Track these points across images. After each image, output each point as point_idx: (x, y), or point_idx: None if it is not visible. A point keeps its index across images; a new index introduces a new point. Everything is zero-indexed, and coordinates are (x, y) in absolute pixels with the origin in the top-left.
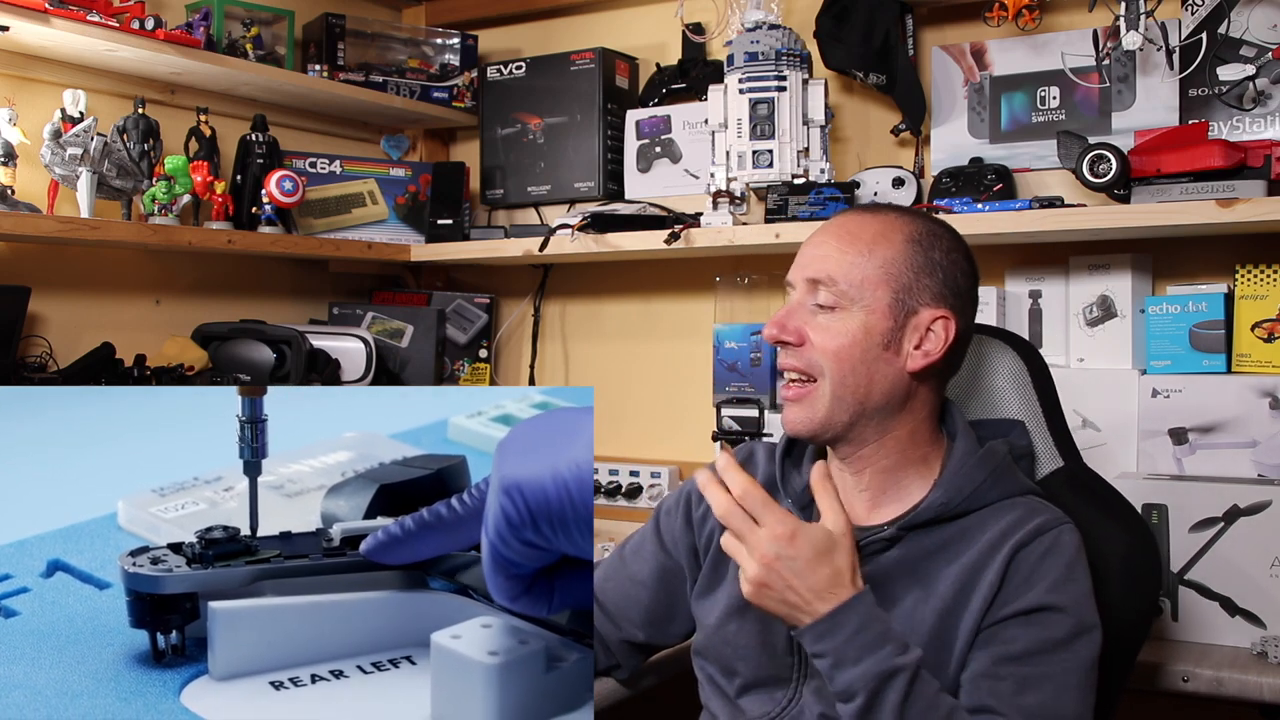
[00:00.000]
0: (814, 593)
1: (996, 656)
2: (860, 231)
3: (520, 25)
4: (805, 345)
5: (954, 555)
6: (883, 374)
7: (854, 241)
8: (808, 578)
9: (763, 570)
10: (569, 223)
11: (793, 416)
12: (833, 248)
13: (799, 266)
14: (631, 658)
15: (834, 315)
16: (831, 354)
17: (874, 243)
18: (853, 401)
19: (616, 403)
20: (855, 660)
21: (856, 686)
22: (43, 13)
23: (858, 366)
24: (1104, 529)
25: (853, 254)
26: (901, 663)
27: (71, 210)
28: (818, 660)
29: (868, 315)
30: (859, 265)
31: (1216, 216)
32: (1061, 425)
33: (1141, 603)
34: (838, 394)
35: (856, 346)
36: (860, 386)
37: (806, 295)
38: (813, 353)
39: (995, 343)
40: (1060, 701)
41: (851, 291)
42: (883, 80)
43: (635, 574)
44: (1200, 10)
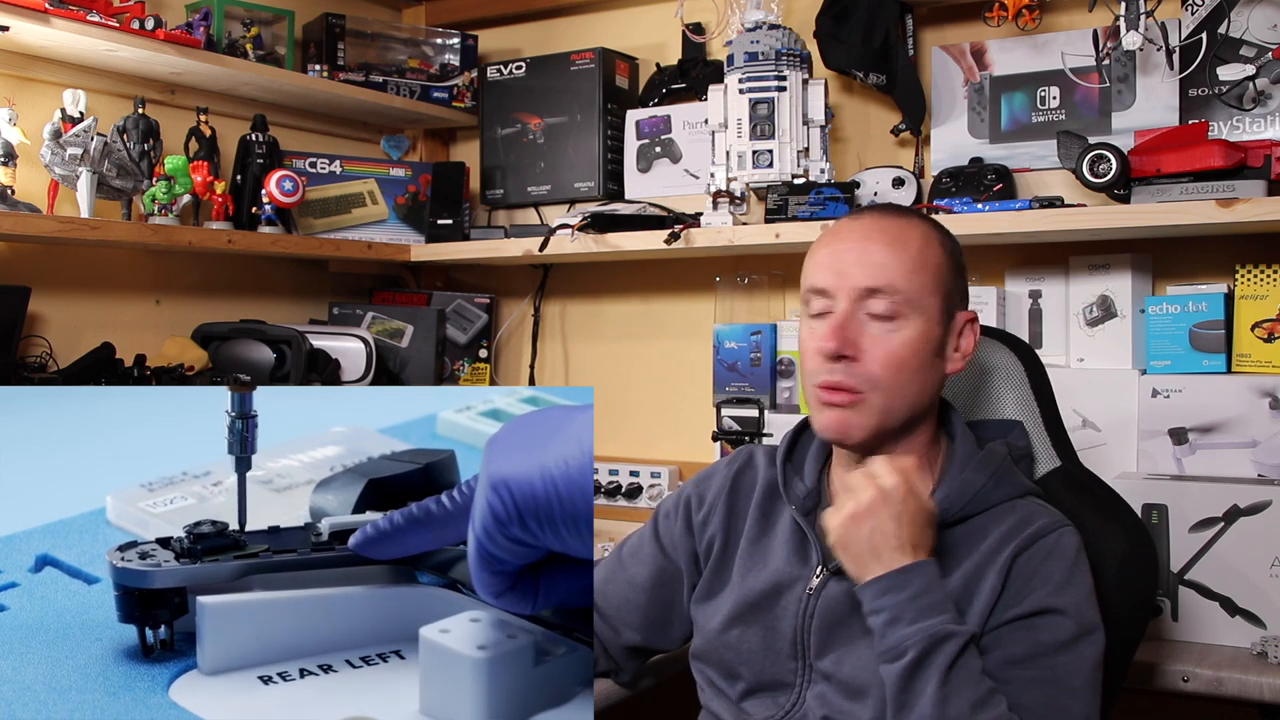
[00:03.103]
0: (900, 542)
1: (1000, 660)
2: (906, 237)
3: (520, 25)
4: (860, 360)
5: (956, 560)
6: (933, 380)
7: (905, 247)
8: (905, 527)
9: (866, 504)
10: (569, 223)
11: (842, 422)
12: (886, 254)
13: (840, 275)
14: (631, 661)
15: (892, 325)
16: (894, 367)
17: (923, 248)
18: (904, 410)
19: (616, 403)
20: (912, 619)
21: (909, 644)
22: (43, 13)
23: (915, 376)
24: (1101, 529)
25: (909, 261)
26: (956, 629)
27: (71, 210)
28: (873, 617)
29: (925, 323)
30: (916, 271)
31: (1216, 216)
32: (1058, 425)
33: (1139, 601)
34: (889, 406)
35: (917, 357)
36: (913, 395)
37: (856, 305)
38: (870, 366)
39: (993, 343)
40: (1065, 703)
41: (913, 299)
42: (883, 80)
43: (633, 577)
44: (1200, 10)
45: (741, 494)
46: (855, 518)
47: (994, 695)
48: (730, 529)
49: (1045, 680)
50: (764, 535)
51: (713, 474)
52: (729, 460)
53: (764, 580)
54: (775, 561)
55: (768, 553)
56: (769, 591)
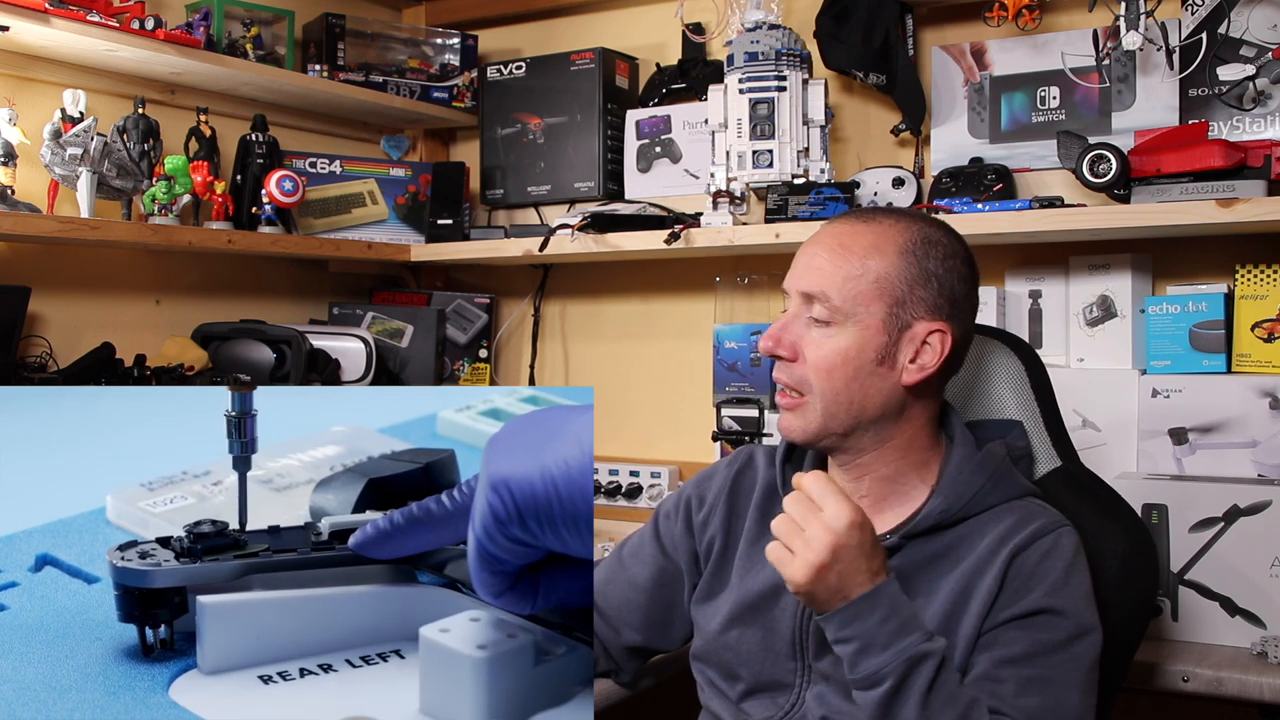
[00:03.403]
0: (864, 576)
1: (997, 659)
2: (853, 243)
3: (520, 25)
4: (798, 360)
5: (954, 561)
6: (877, 389)
7: (847, 254)
8: (864, 558)
9: (829, 555)
10: (569, 223)
11: (786, 424)
12: (825, 260)
13: (793, 276)
14: (631, 661)
15: (827, 331)
16: (824, 371)
17: (867, 255)
18: (846, 416)
19: (616, 403)
20: (885, 644)
21: (886, 671)
22: (43, 13)
23: (850, 383)
24: (1102, 528)
25: (846, 267)
26: (930, 648)
27: (71, 210)
28: (841, 646)
29: (861, 331)
30: (852, 280)
31: (1216, 216)
32: (1059, 425)
33: (1139, 601)
34: (829, 409)
35: (849, 364)
36: (854, 402)
37: (802, 308)
38: (805, 368)
39: (993, 343)
40: (1061, 702)
41: (845, 307)
42: (883, 80)
43: (634, 578)
44: (1200, 10)
45: (741, 494)
46: (820, 570)
47: (974, 707)
48: (730, 530)
49: (1042, 680)
50: (763, 536)
51: (713, 474)
52: (729, 461)
53: (763, 581)
54: None
55: None
56: (768, 592)
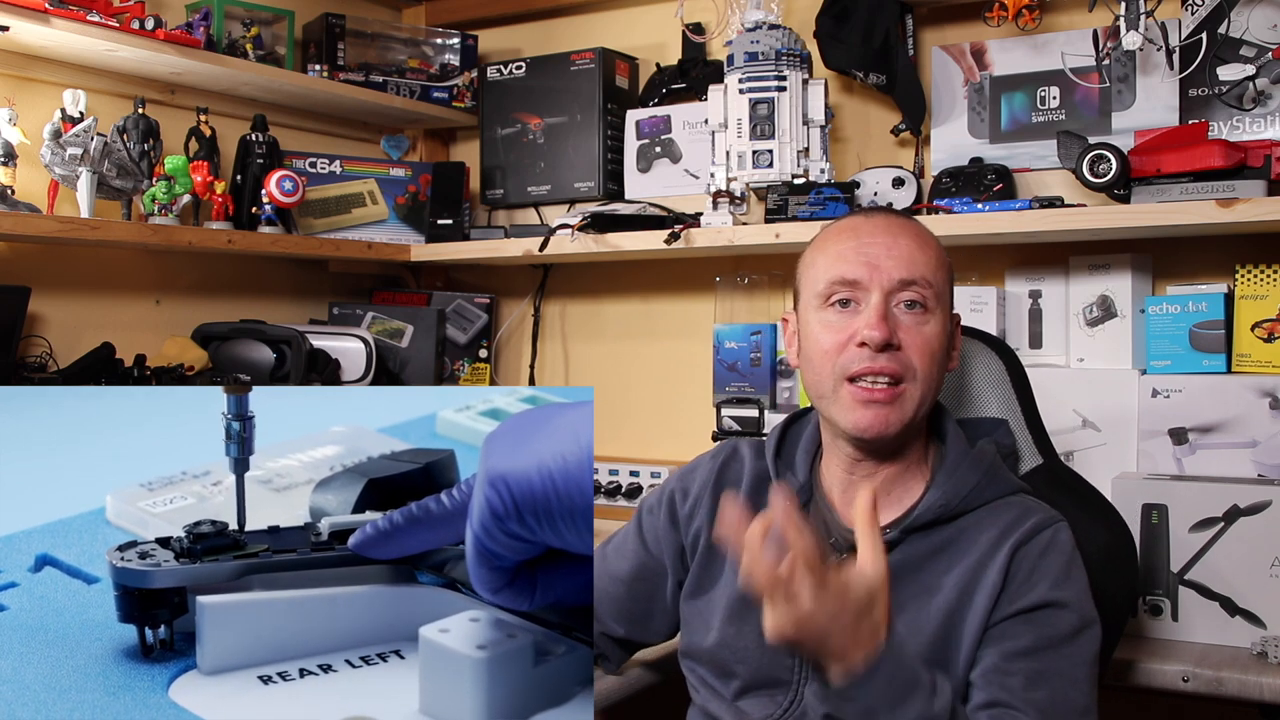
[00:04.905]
0: (854, 643)
1: (1005, 653)
2: (926, 236)
3: (520, 25)
4: (902, 349)
5: (954, 556)
6: (943, 376)
7: (929, 244)
8: (849, 634)
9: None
10: (569, 223)
11: (883, 418)
12: (914, 246)
13: (875, 267)
14: (615, 651)
15: (923, 316)
16: (929, 357)
17: (939, 248)
18: (928, 404)
19: (616, 403)
20: (890, 708)
21: None
22: (43, 13)
23: (940, 368)
24: (1083, 524)
25: (934, 256)
26: (935, 710)
27: (71, 210)
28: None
29: (943, 317)
30: (943, 266)
31: (1216, 216)
32: (1039, 424)
33: (1119, 595)
34: (924, 396)
35: (941, 350)
36: (937, 387)
37: (889, 296)
38: (909, 355)
39: (974, 343)
40: (1069, 694)
41: (939, 293)
42: (883, 80)
43: (615, 571)
44: (1200, 10)
45: (727, 486)
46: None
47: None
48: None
49: (1049, 673)
50: None
51: (696, 467)
52: (713, 454)
53: None
54: None
55: None
56: None
